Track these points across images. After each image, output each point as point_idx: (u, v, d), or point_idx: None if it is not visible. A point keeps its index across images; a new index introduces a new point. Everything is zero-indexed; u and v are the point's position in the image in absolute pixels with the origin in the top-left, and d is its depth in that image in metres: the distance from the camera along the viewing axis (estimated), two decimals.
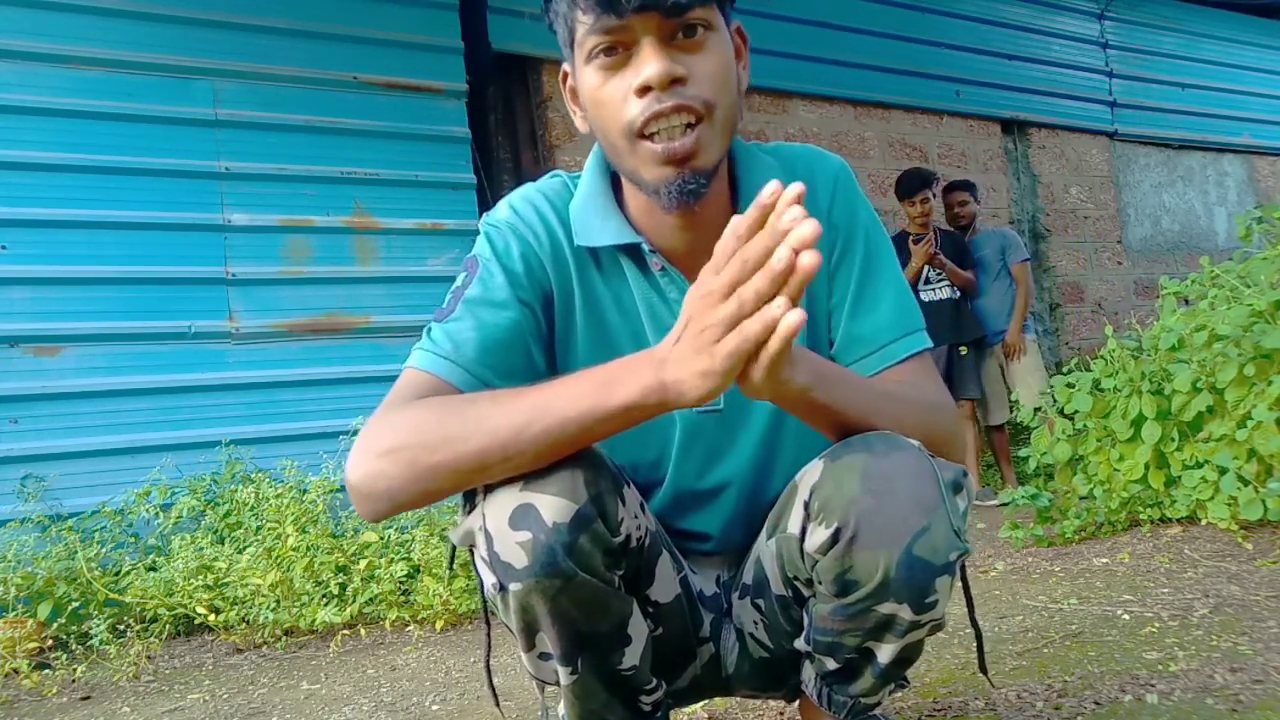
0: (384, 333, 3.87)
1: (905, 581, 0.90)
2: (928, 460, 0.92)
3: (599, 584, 0.91)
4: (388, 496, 0.90)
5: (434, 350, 0.99)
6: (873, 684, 1.03)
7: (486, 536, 0.89)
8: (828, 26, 5.37)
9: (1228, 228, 7.19)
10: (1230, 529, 2.50)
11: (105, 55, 3.50)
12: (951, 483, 0.93)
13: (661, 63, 0.92)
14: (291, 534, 2.82)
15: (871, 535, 0.89)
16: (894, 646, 0.97)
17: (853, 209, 1.10)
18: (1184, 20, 7.11)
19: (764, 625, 1.10)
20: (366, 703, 2.00)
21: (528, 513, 0.87)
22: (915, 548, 0.89)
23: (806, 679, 1.09)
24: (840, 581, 0.93)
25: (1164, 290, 3.04)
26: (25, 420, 3.26)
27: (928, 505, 0.89)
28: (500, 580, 0.89)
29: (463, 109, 4.12)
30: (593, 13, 0.93)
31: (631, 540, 0.95)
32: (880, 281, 1.09)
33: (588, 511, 0.88)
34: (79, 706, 2.25)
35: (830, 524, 0.91)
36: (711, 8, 0.96)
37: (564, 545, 0.87)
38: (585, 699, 0.99)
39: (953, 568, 0.92)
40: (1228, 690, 1.37)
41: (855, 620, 0.95)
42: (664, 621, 1.07)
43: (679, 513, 1.13)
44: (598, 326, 1.08)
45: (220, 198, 3.65)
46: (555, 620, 0.91)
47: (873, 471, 0.90)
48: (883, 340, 1.07)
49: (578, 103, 1.04)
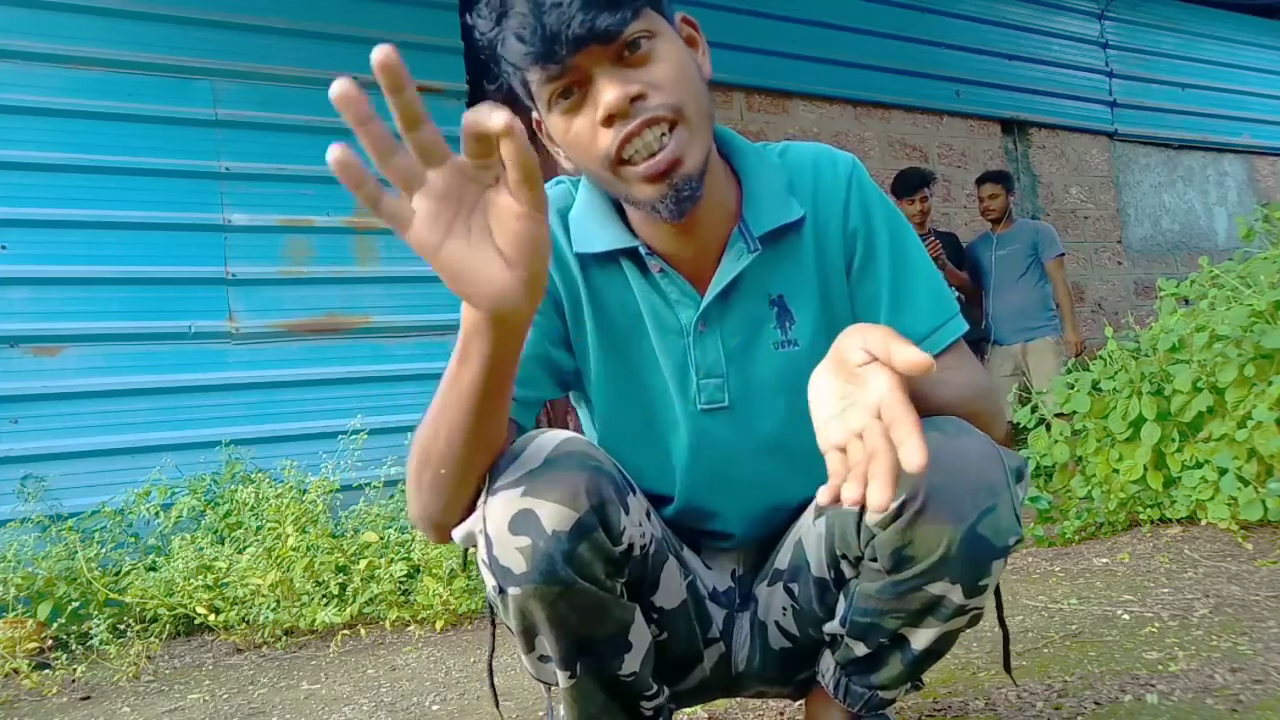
0: (384, 333, 3.87)
1: (965, 559, 0.91)
2: (995, 446, 0.94)
3: (599, 592, 0.91)
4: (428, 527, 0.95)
5: None
6: (899, 673, 1.03)
7: (486, 540, 0.89)
8: (828, 26, 5.37)
9: (1228, 228, 7.19)
10: (1230, 529, 2.50)
11: (105, 55, 3.50)
12: (1015, 470, 0.95)
13: (615, 89, 0.92)
14: (291, 534, 2.82)
15: (939, 510, 0.90)
16: (933, 632, 0.98)
17: (869, 207, 1.09)
18: (1184, 20, 7.11)
19: (793, 611, 1.10)
20: (366, 703, 2.00)
21: (527, 518, 0.87)
22: (980, 526, 0.90)
23: (824, 669, 1.09)
24: (897, 556, 0.93)
25: (1162, 292, 3.04)
26: (25, 420, 3.26)
27: (995, 487, 0.91)
28: (500, 584, 0.90)
29: (463, 109, 4.10)
30: (536, 66, 0.93)
31: (635, 549, 0.95)
32: (912, 274, 1.09)
33: (589, 520, 0.88)
34: (79, 706, 2.25)
35: (897, 496, 0.91)
36: (646, 15, 0.94)
37: (563, 553, 0.87)
38: (584, 703, 0.99)
39: (1008, 552, 0.93)
40: (1228, 690, 1.37)
41: (902, 600, 0.96)
42: (669, 627, 1.07)
43: (696, 513, 1.13)
44: (606, 328, 1.09)
45: (220, 198, 3.65)
46: (553, 625, 0.91)
47: (944, 450, 0.90)
48: (924, 331, 1.07)
49: (556, 145, 1.03)
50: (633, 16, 0.92)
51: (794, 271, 1.08)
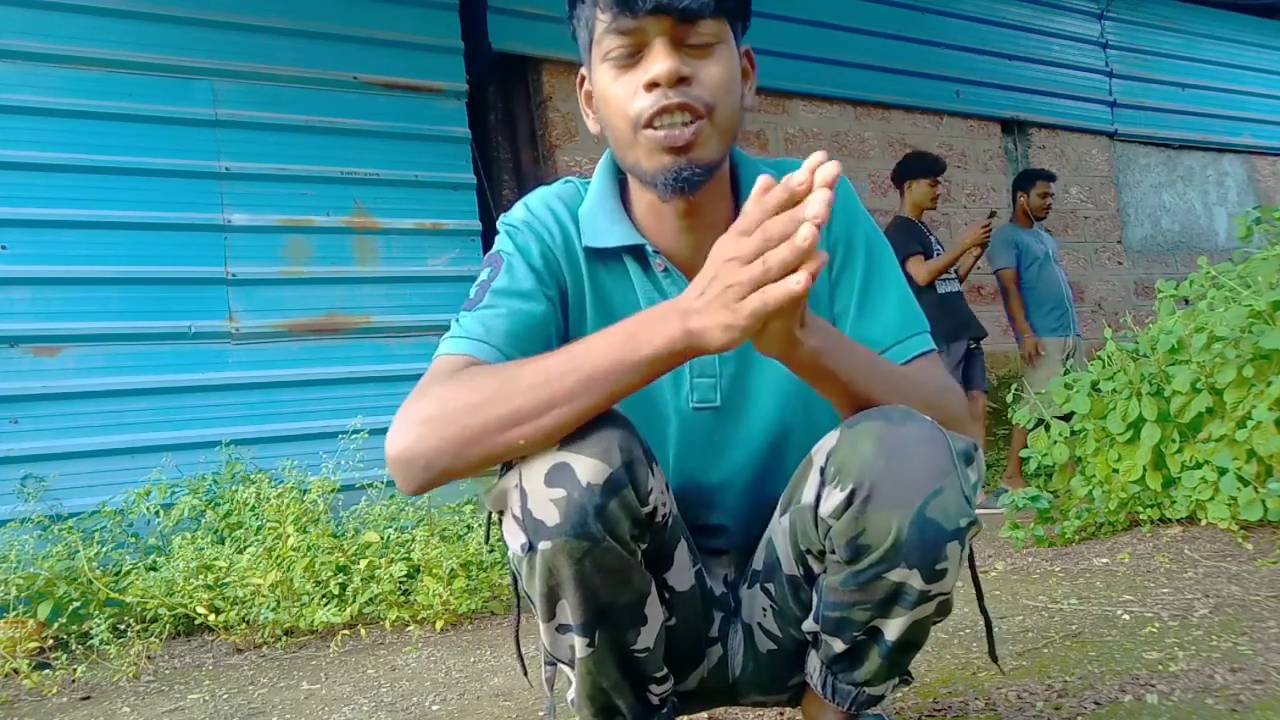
0: (384, 333, 3.87)
1: (917, 543, 0.92)
2: (940, 431, 0.95)
3: (623, 553, 0.93)
4: (426, 462, 0.93)
5: (465, 335, 1.03)
6: (879, 667, 1.04)
7: (521, 493, 0.91)
8: (828, 26, 5.37)
9: (1228, 228, 7.19)
10: (1230, 529, 2.50)
11: (105, 55, 3.50)
12: (963, 453, 0.96)
13: (670, 61, 0.98)
14: (292, 534, 2.82)
15: (885, 496, 0.92)
16: (902, 621, 0.99)
17: (853, 220, 1.15)
18: (1184, 20, 7.11)
19: (773, 611, 1.12)
20: (366, 703, 2.00)
21: (563, 471, 0.90)
22: (928, 509, 0.91)
23: (811, 669, 1.10)
24: (853, 546, 0.95)
25: (1161, 294, 3.04)
26: (25, 420, 3.26)
27: (940, 469, 0.92)
28: (530, 539, 0.91)
29: (463, 109, 4.12)
30: (610, 11, 0.99)
31: (657, 514, 0.97)
32: (884, 287, 1.13)
33: (620, 476, 0.91)
34: (79, 706, 2.25)
35: (845, 486, 0.94)
36: (723, 22, 1.02)
37: (595, 507, 0.89)
38: (598, 675, 1.01)
39: (963, 535, 0.94)
40: (1228, 690, 1.37)
41: (865, 590, 0.97)
42: (678, 611, 1.08)
43: (685, 509, 1.14)
44: (606, 322, 1.09)
45: (220, 198, 3.65)
46: (578, 585, 0.93)
47: (888, 436, 0.93)
48: (889, 342, 1.10)
49: (591, 105, 1.10)
50: (713, 11, 1.00)
51: None
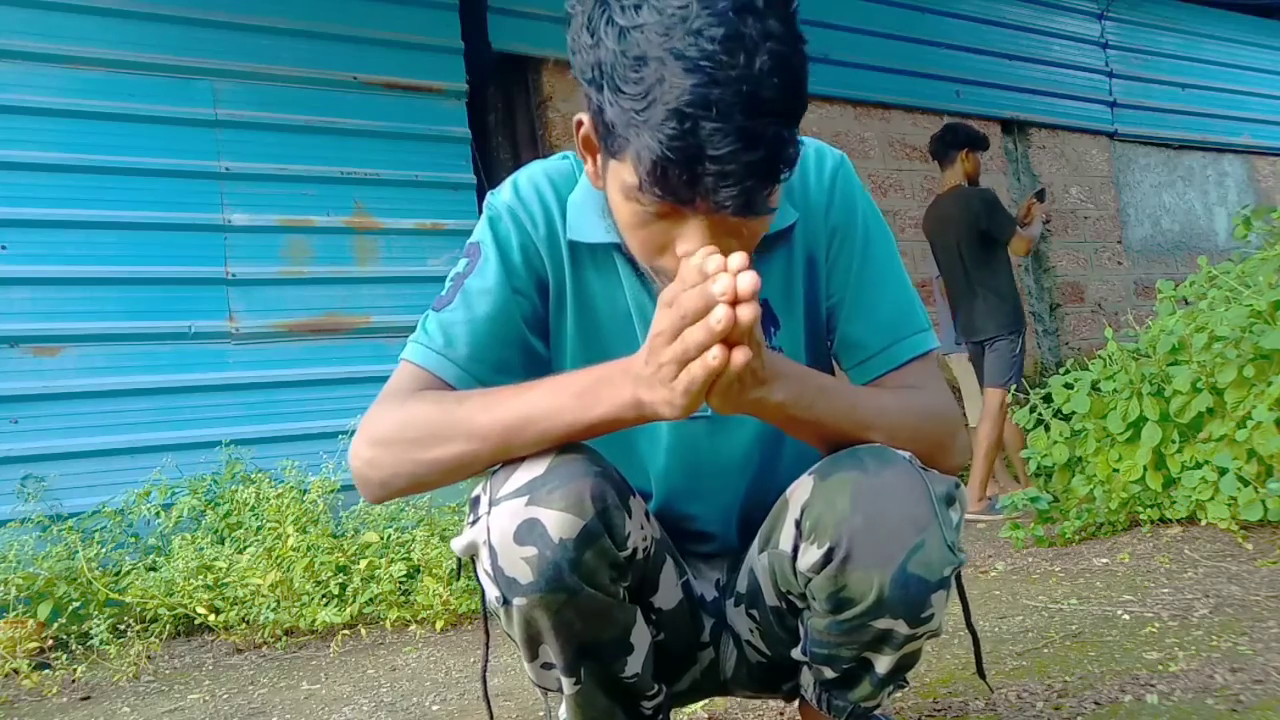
0: (384, 333, 3.87)
1: (900, 599, 0.90)
2: (919, 474, 0.92)
3: (604, 598, 0.91)
4: (380, 484, 0.96)
5: (429, 345, 1.02)
6: (871, 690, 1.03)
7: (490, 551, 0.89)
8: (828, 26, 5.36)
9: (1228, 228, 7.18)
10: (1230, 529, 2.50)
11: (105, 55, 3.50)
12: (944, 496, 0.93)
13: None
14: (292, 534, 2.82)
15: (865, 555, 0.89)
16: (891, 658, 0.97)
17: (851, 206, 1.08)
18: (1184, 20, 7.11)
19: (760, 633, 1.10)
20: (366, 703, 2.00)
21: (533, 528, 0.87)
22: (909, 565, 0.89)
23: (805, 685, 1.09)
24: (835, 600, 0.93)
25: (1161, 294, 3.04)
26: (25, 420, 3.26)
27: (920, 522, 0.89)
28: (504, 595, 0.89)
29: (463, 109, 4.12)
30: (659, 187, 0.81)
31: (638, 553, 0.94)
32: (878, 281, 1.07)
33: (594, 527, 0.88)
34: (79, 706, 2.25)
35: (823, 544, 0.91)
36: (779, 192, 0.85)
37: (569, 561, 0.86)
38: (588, 707, 0.99)
39: (947, 582, 0.92)
40: (1228, 690, 1.37)
41: (851, 635, 0.95)
42: (666, 627, 1.07)
43: (676, 515, 1.13)
44: (588, 320, 1.07)
45: (220, 198, 3.65)
46: (559, 633, 0.91)
47: (864, 489, 0.89)
48: (882, 344, 1.05)
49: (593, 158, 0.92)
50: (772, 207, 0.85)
51: (781, 276, 1.07)
